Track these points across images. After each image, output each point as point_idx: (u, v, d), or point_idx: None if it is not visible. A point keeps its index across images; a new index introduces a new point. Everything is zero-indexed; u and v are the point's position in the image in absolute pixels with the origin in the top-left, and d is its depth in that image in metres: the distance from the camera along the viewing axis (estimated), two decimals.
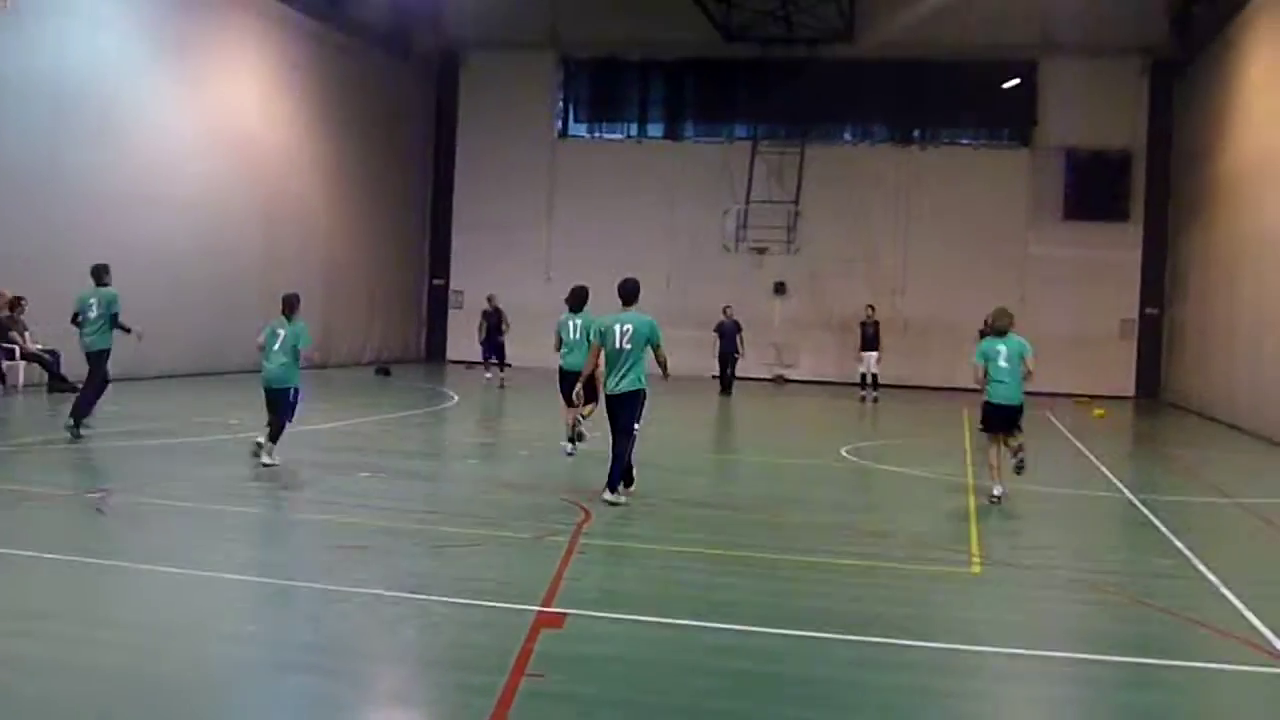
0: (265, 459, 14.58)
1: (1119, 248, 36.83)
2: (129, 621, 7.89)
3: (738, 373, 31.50)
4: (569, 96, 41.47)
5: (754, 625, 8.35)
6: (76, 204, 24.44)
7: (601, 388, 13.76)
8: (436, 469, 16.79)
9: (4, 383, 22.20)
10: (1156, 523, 13.34)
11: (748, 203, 38.10)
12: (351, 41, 35.65)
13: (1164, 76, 36.53)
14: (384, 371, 33.46)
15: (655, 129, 40.81)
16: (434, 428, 22.05)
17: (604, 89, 41.30)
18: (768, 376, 37.73)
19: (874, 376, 30.82)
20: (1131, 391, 36.78)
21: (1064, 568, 10.76)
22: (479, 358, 33.13)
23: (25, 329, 22.79)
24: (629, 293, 13.86)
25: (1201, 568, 10.76)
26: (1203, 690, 7.69)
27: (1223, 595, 9.71)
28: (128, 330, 17.55)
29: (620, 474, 13.26)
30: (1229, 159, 29.58)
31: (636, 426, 13.28)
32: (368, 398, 26.51)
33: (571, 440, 16.74)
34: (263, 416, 15.07)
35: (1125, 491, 16.07)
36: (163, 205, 27.06)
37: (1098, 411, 29.07)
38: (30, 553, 9.56)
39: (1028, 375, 14.44)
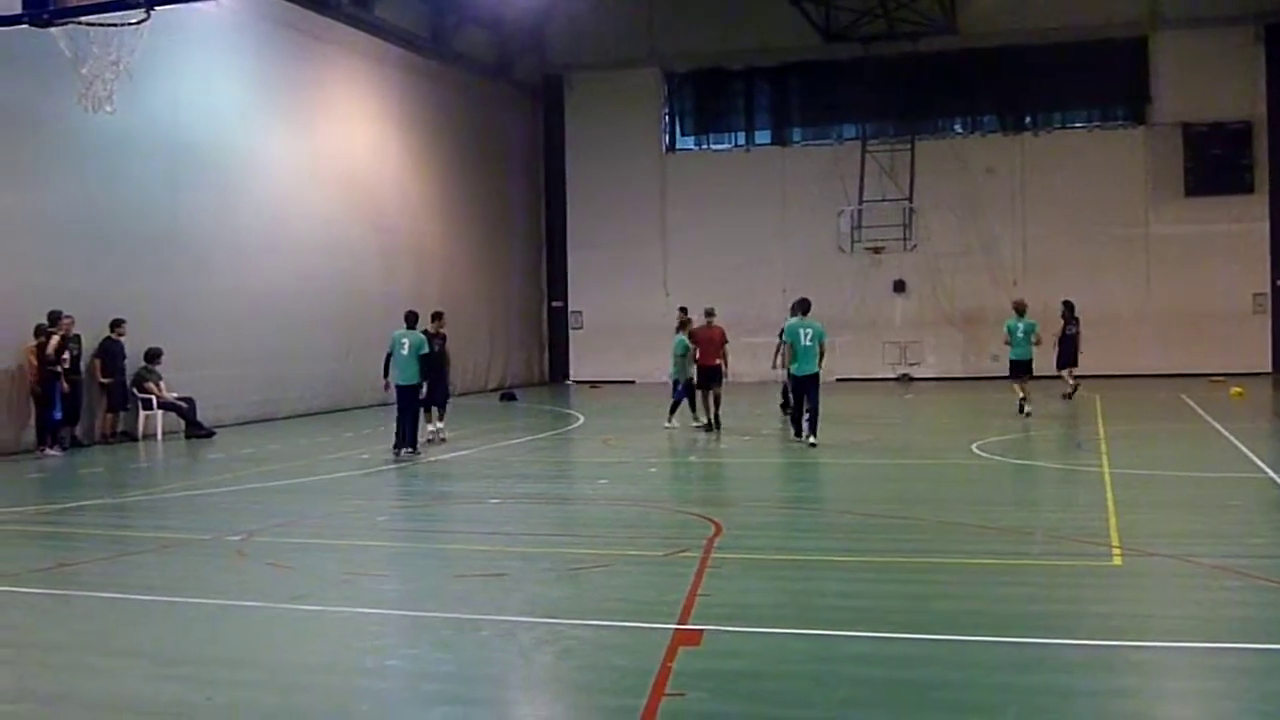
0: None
1: (1245, 220, 35.98)
2: (271, 661, 8.01)
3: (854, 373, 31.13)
4: (674, 110, 41.59)
5: (893, 631, 8.23)
6: (198, 254, 25.06)
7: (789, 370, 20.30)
8: (566, 491, 16.87)
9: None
10: None
11: (861, 202, 37.85)
12: (456, 73, 36.07)
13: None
14: (509, 396, 33.72)
15: (762, 136, 40.79)
16: (561, 449, 22.17)
17: (708, 100, 41.34)
18: (892, 376, 37.41)
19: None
20: (1269, 367, 35.83)
21: (1207, 555, 10.49)
22: (599, 377, 33.19)
23: (160, 379, 23.37)
24: (806, 307, 20.50)
25: None
26: None
27: None
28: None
29: (817, 426, 19.55)
30: None
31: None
32: (494, 423, 26.72)
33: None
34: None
35: (1269, 471, 15.64)
36: (281, 249, 27.65)
37: (1235, 390, 28.34)
38: (174, 598, 9.77)
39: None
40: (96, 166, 22.72)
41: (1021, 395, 24.69)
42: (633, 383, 38.81)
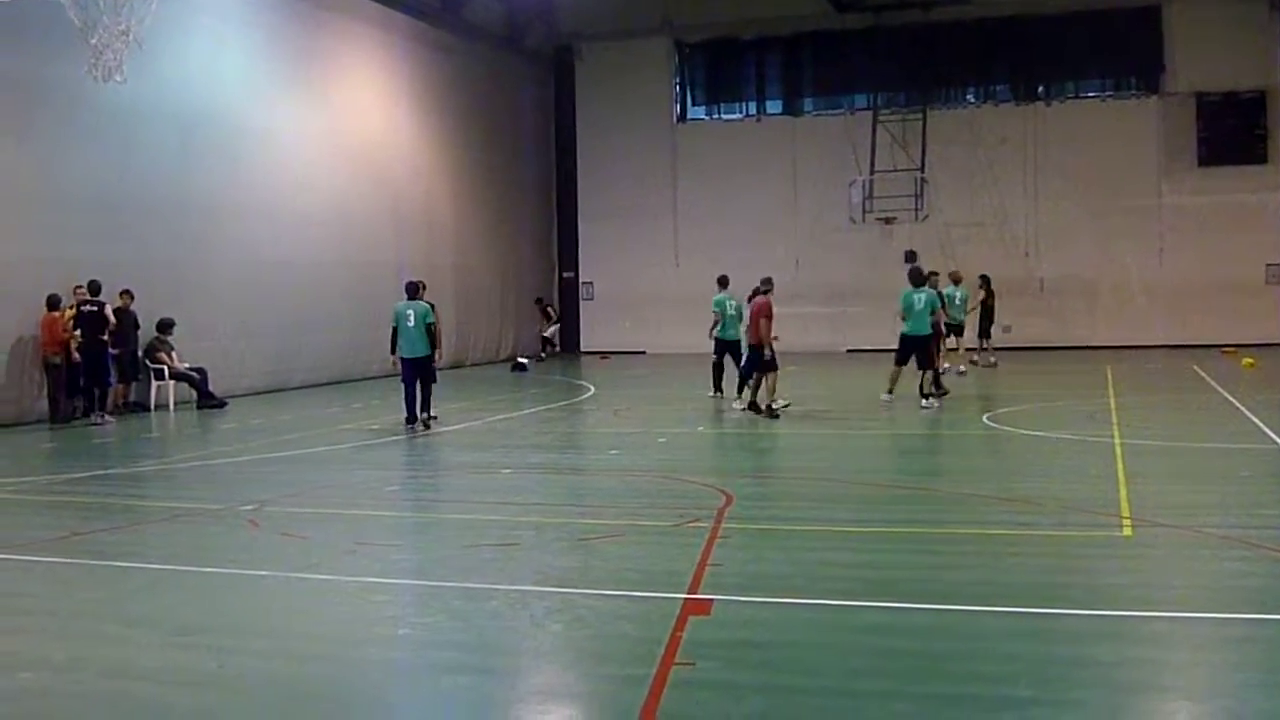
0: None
1: (1259, 191, 35.75)
2: (282, 630, 8.05)
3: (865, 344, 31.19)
4: (685, 80, 41.38)
5: (904, 601, 8.24)
6: (209, 223, 25.05)
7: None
8: (576, 461, 16.89)
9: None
10: None
11: (872, 173, 37.65)
12: (466, 43, 35.95)
13: None
14: (520, 367, 33.71)
15: (774, 105, 40.56)
16: (572, 420, 22.18)
17: (719, 70, 41.11)
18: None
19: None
20: None
21: (1218, 525, 10.48)
22: (610, 347, 33.10)
23: (172, 349, 23.42)
24: (725, 282, 22.34)
25: None
26: None
27: None
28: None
29: (743, 389, 20.78)
30: None
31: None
32: (505, 394, 26.76)
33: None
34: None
35: None
36: (292, 219, 27.63)
37: (1247, 361, 28.25)
38: (186, 567, 9.81)
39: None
40: (106, 136, 22.69)
41: (968, 361, 28.50)
42: (643, 353, 38.81)
